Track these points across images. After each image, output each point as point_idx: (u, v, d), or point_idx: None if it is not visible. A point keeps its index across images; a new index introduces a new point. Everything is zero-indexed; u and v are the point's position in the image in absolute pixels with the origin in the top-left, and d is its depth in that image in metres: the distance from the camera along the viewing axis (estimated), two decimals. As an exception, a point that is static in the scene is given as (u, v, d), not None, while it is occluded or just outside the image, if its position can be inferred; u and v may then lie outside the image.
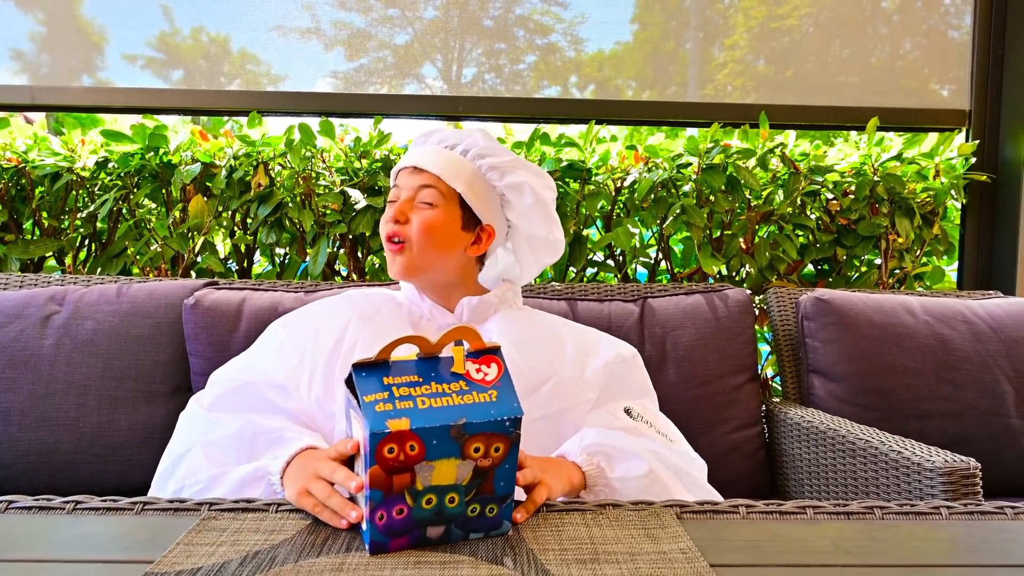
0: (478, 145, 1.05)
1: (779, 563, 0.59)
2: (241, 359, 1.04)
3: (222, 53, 2.03)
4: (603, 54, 2.10)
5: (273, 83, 2.02)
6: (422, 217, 1.02)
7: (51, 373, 1.38)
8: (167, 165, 1.78)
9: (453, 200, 1.03)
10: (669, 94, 2.07)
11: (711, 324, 1.48)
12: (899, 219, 1.83)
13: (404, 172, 1.06)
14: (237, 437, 0.87)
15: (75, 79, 1.97)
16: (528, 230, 1.08)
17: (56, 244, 1.75)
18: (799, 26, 2.09)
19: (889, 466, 1.11)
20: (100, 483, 1.36)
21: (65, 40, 1.98)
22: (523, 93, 2.07)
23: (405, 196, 1.04)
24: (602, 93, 2.10)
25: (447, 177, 1.03)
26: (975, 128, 2.00)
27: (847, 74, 2.06)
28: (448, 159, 1.04)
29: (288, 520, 0.67)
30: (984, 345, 1.51)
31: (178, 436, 0.95)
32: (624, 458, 0.87)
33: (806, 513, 0.70)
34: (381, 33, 2.04)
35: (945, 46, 2.06)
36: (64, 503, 0.69)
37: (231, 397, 0.95)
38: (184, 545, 0.60)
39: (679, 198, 1.82)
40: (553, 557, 0.59)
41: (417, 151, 1.07)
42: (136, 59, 1.99)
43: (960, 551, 0.63)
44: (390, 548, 0.60)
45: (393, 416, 0.58)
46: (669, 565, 0.58)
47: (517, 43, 2.08)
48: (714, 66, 2.09)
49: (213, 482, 0.82)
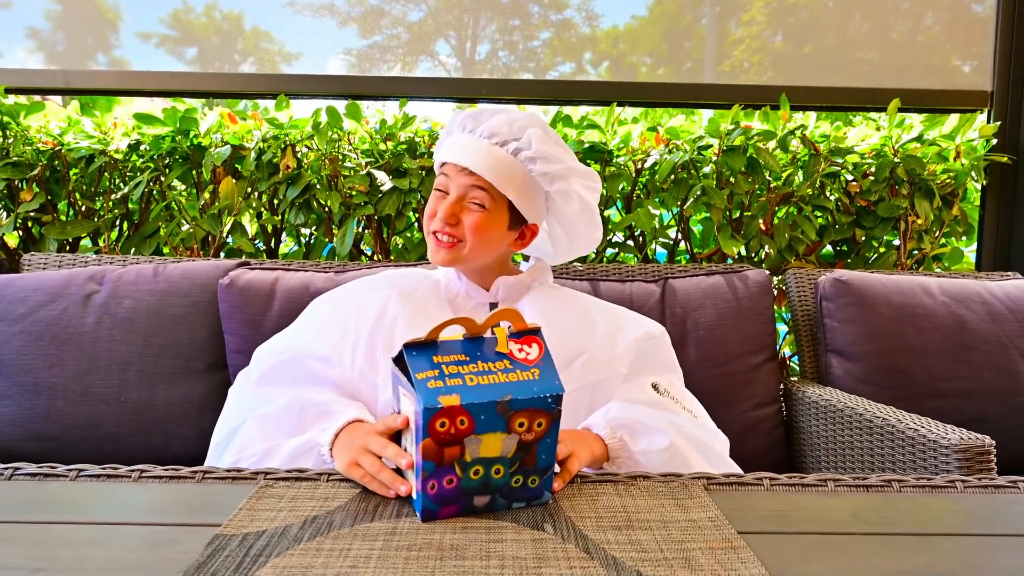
0: (531, 148, 1.02)
1: (802, 531, 0.63)
2: (284, 335, 1.08)
3: (235, 30, 2.04)
4: (618, 30, 2.09)
5: (286, 60, 2.03)
6: (473, 220, 1.02)
7: (93, 350, 1.44)
8: (197, 147, 1.82)
9: (503, 203, 1.04)
10: (685, 71, 2.07)
11: (731, 304, 1.51)
12: (918, 200, 1.84)
13: (453, 167, 1.04)
14: (286, 411, 0.92)
15: (90, 57, 2.00)
16: (570, 228, 1.11)
17: (91, 225, 1.80)
18: (818, 1, 2.08)
19: (906, 443, 1.14)
20: (141, 455, 1.42)
21: (80, 18, 2.01)
22: (537, 70, 2.07)
23: (455, 194, 1.03)
24: (617, 70, 2.09)
25: (499, 184, 1.02)
26: (997, 109, 1.99)
27: (867, 49, 2.05)
28: (500, 162, 1.02)
29: (340, 488, 0.72)
30: (1001, 326, 1.53)
31: (229, 410, 1.00)
32: (647, 432, 0.91)
33: (827, 486, 0.74)
34: (395, 10, 2.05)
35: (968, 22, 2.04)
36: (130, 471, 0.74)
37: (277, 371, 1.00)
38: (247, 511, 0.65)
39: (699, 179, 1.84)
40: (590, 524, 0.63)
41: (466, 144, 1.03)
42: (150, 37, 2.01)
43: (974, 521, 0.66)
44: (439, 516, 0.64)
45: (444, 392, 0.62)
46: (699, 532, 0.62)
47: (531, 19, 2.08)
48: (731, 42, 2.08)
49: (267, 454, 0.87)
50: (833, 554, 0.59)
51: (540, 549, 0.58)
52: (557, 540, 0.60)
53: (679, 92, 2.03)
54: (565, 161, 1.04)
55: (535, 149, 1.02)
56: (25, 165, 1.75)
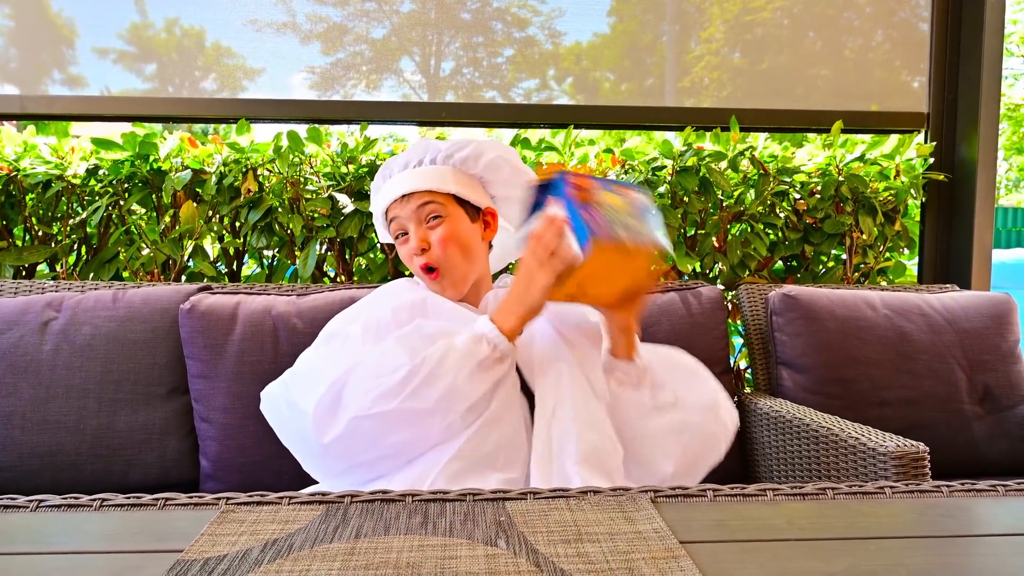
0: (439, 150, 1.13)
1: (740, 539, 0.67)
2: (322, 372, 1.00)
3: (196, 47, 2.03)
4: (581, 46, 2.14)
5: (248, 76, 2.02)
6: (439, 234, 1.08)
7: (51, 377, 1.43)
8: (157, 172, 1.82)
9: (451, 203, 1.10)
10: (647, 86, 2.13)
11: (685, 320, 1.57)
12: (862, 217, 1.93)
13: (396, 204, 1.11)
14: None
15: (46, 74, 1.97)
16: (511, 194, 1.17)
17: (49, 251, 1.78)
18: (773, 19, 2.16)
19: (848, 451, 1.20)
20: (102, 483, 1.41)
21: (34, 34, 1.97)
22: (501, 87, 2.11)
23: (412, 226, 1.09)
24: (580, 85, 2.15)
25: (436, 186, 1.09)
26: (933, 130, 2.11)
27: (820, 66, 2.15)
28: (427, 174, 1.11)
29: (300, 511, 0.74)
30: (939, 336, 1.61)
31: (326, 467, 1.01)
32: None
33: (766, 495, 0.78)
34: (358, 27, 2.06)
35: (905, 53, 2.16)
36: (91, 500, 0.75)
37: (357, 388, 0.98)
38: (208, 536, 0.67)
39: (655, 199, 1.90)
40: (541, 538, 0.67)
41: (394, 183, 1.12)
42: (108, 52, 1.98)
43: (898, 524, 0.71)
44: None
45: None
46: (644, 542, 0.65)
47: (495, 36, 2.11)
48: (691, 58, 2.15)
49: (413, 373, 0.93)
50: (768, 559, 0.63)
51: (493, 564, 0.61)
52: (509, 555, 0.63)
53: (636, 115, 2.10)
54: (473, 142, 1.14)
55: (443, 148, 1.13)
56: (-22, 191, 1.73)
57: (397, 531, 0.69)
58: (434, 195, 1.09)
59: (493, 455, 0.97)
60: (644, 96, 2.13)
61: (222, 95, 2.03)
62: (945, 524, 0.71)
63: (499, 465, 0.97)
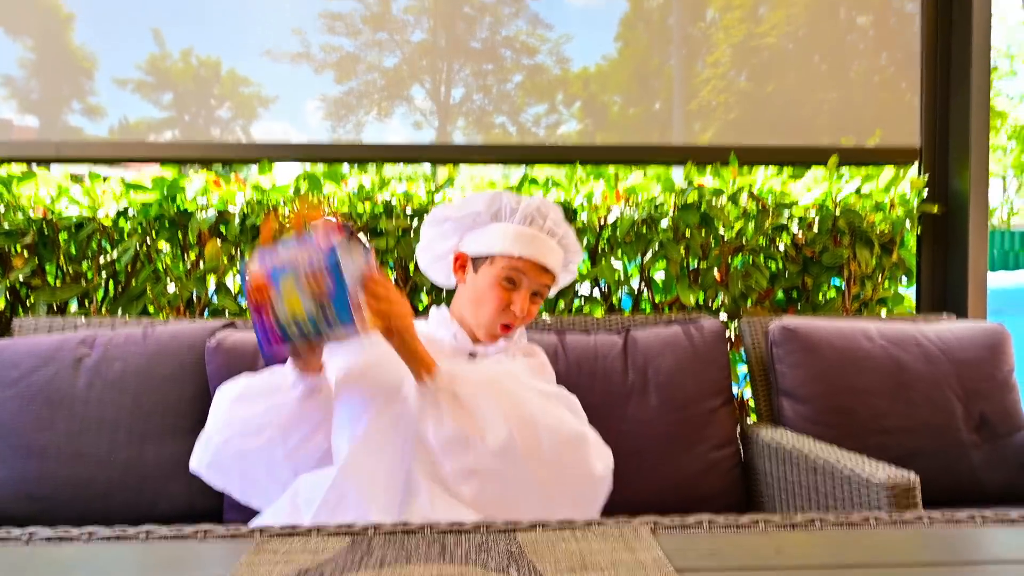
0: (568, 238, 1.25)
1: (731, 567, 0.73)
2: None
3: (212, 76, 2.10)
4: (588, 71, 2.19)
5: (263, 104, 2.10)
6: (534, 311, 1.22)
7: (84, 412, 1.50)
8: (183, 212, 1.91)
9: None
10: (655, 110, 2.20)
11: (688, 352, 1.63)
12: (859, 249, 2.00)
13: (532, 265, 1.18)
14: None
15: (66, 105, 2.04)
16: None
17: (80, 289, 1.87)
18: (778, 44, 2.23)
19: (844, 481, 1.26)
20: (132, 513, 1.48)
21: (55, 66, 2.04)
22: (511, 112, 2.17)
23: (524, 291, 1.19)
24: (589, 109, 2.20)
25: (557, 273, 1.24)
26: (925, 163, 2.18)
27: (825, 90, 2.22)
28: (557, 255, 1.22)
29: (329, 542, 0.80)
30: (935, 366, 1.66)
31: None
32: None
33: (759, 525, 0.84)
34: (370, 56, 2.12)
35: (899, 92, 2.23)
36: (137, 532, 0.82)
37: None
38: (247, 565, 0.74)
39: (657, 234, 1.97)
40: (549, 567, 0.73)
41: (542, 243, 1.19)
42: (126, 83, 2.05)
43: (880, 553, 0.77)
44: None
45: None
46: (643, 570, 0.71)
47: (504, 63, 2.17)
48: (699, 81, 2.19)
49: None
50: (756, 586, 0.69)
51: (505, 591, 0.68)
52: (520, 582, 0.69)
53: (639, 153, 2.18)
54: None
55: (571, 241, 1.26)
56: (17, 233, 1.83)
57: (418, 560, 0.76)
58: (553, 280, 1.23)
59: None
60: (651, 119, 2.20)
61: (238, 124, 2.12)
62: (923, 553, 0.76)
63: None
